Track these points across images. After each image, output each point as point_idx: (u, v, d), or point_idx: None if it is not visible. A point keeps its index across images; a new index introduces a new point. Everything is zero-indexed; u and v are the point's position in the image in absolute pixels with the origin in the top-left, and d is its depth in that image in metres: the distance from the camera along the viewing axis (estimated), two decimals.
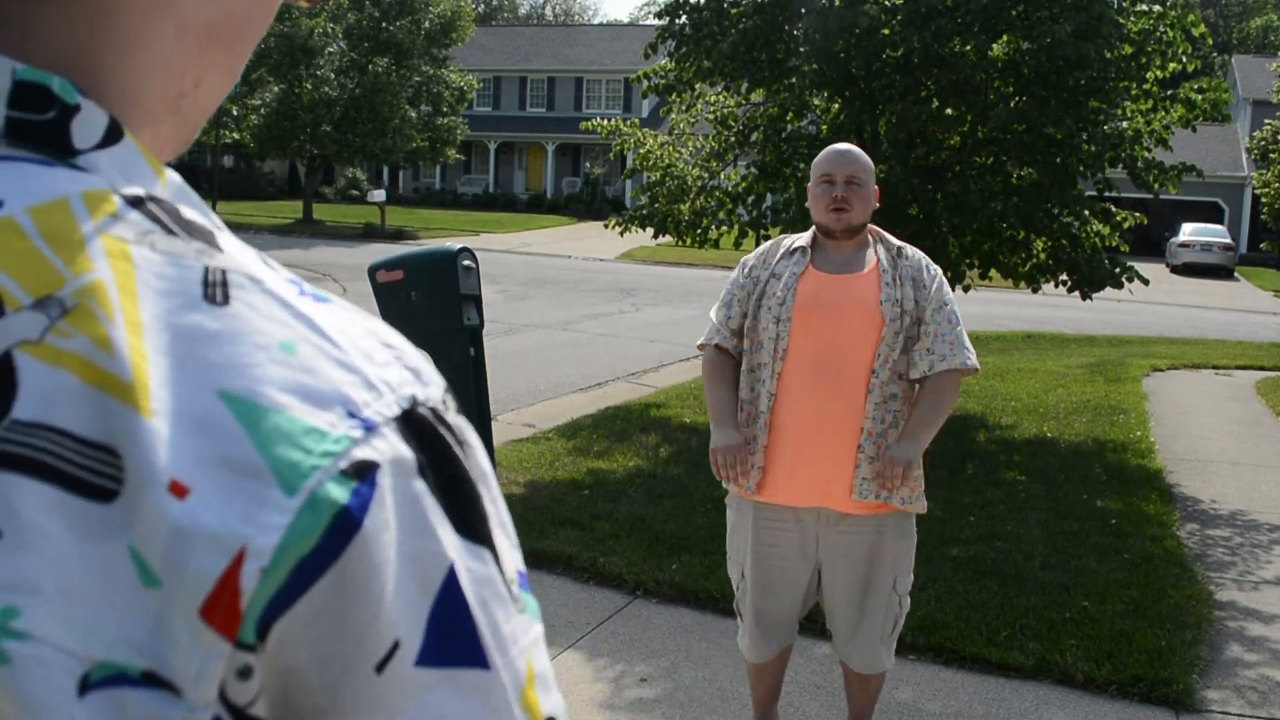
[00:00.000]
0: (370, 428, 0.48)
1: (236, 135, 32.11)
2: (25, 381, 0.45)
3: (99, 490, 0.44)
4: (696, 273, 23.86)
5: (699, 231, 9.62)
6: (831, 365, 3.30)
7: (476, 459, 0.52)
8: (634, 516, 6.11)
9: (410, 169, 45.81)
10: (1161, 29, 8.47)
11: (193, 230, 0.51)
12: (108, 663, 0.44)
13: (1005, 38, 8.34)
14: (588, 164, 45.44)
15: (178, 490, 0.44)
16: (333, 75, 32.31)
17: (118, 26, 0.53)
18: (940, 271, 3.45)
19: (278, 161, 43.41)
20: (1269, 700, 4.30)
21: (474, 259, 6.48)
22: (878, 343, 3.29)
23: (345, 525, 0.46)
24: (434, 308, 6.27)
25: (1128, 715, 4.15)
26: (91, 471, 0.44)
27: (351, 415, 0.48)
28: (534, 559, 5.35)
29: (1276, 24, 62.56)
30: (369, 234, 29.06)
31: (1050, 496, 6.94)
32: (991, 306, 18.59)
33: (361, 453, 0.47)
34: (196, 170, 43.96)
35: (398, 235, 28.57)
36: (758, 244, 8.34)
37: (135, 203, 0.50)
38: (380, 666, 0.47)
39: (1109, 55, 8.05)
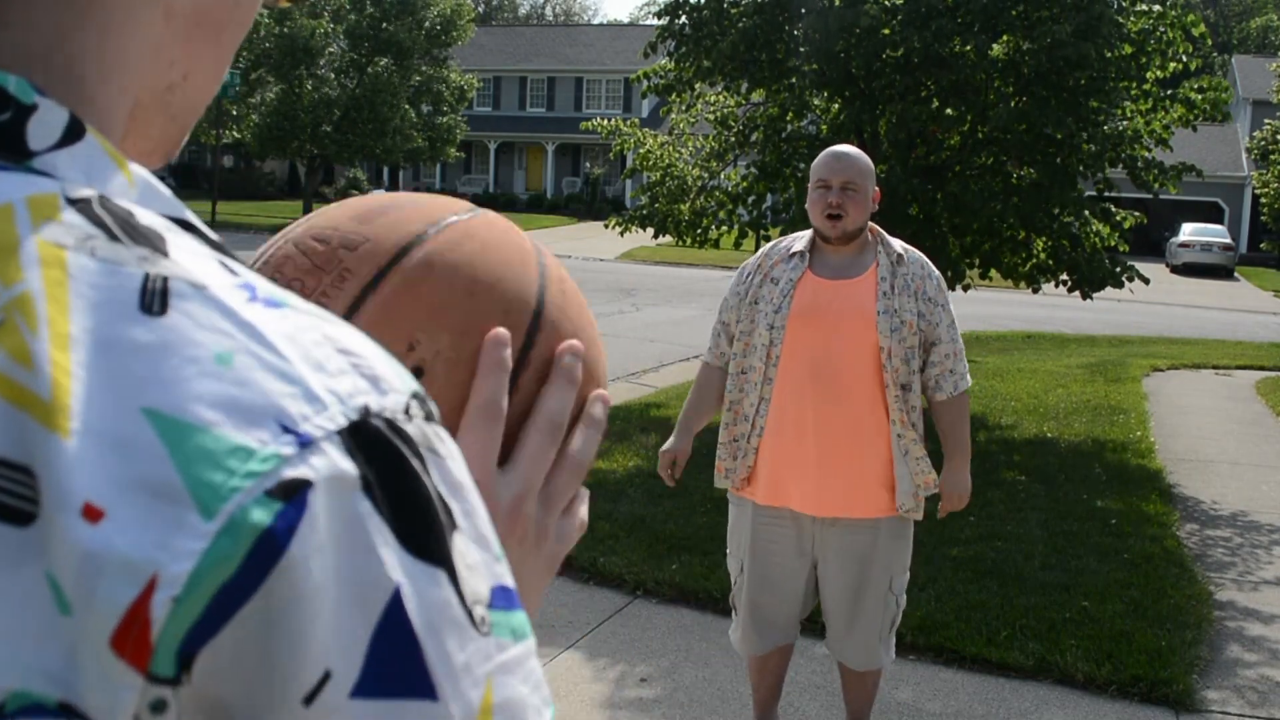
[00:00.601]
0: (306, 443, 0.45)
1: (236, 135, 32.09)
2: None
3: (16, 513, 0.42)
4: (696, 273, 23.86)
5: (699, 231, 9.62)
6: (829, 373, 3.30)
7: (446, 469, 0.49)
8: (634, 516, 6.11)
9: (410, 169, 45.83)
10: (1161, 29, 8.47)
11: (138, 235, 0.48)
12: (23, 693, 0.42)
13: (1006, 38, 8.34)
14: (588, 164, 45.45)
15: (91, 514, 0.42)
16: (333, 75, 32.33)
17: (104, 8, 0.52)
18: (941, 277, 3.45)
19: (278, 161, 43.44)
20: (1269, 700, 4.30)
21: None
22: (876, 351, 3.29)
23: (268, 550, 0.43)
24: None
25: (1128, 715, 4.15)
26: (8, 494, 0.42)
27: (286, 430, 0.45)
28: None
29: (1276, 24, 62.56)
30: None
31: (1050, 496, 6.94)
32: (991, 306, 18.60)
33: (292, 471, 0.44)
34: (196, 170, 44.03)
35: None
36: (758, 244, 8.35)
37: (81, 207, 0.48)
38: (309, 698, 0.44)
39: (1109, 55, 8.06)
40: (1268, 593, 5.50)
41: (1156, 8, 8.55)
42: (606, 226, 10.21)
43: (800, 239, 3.48)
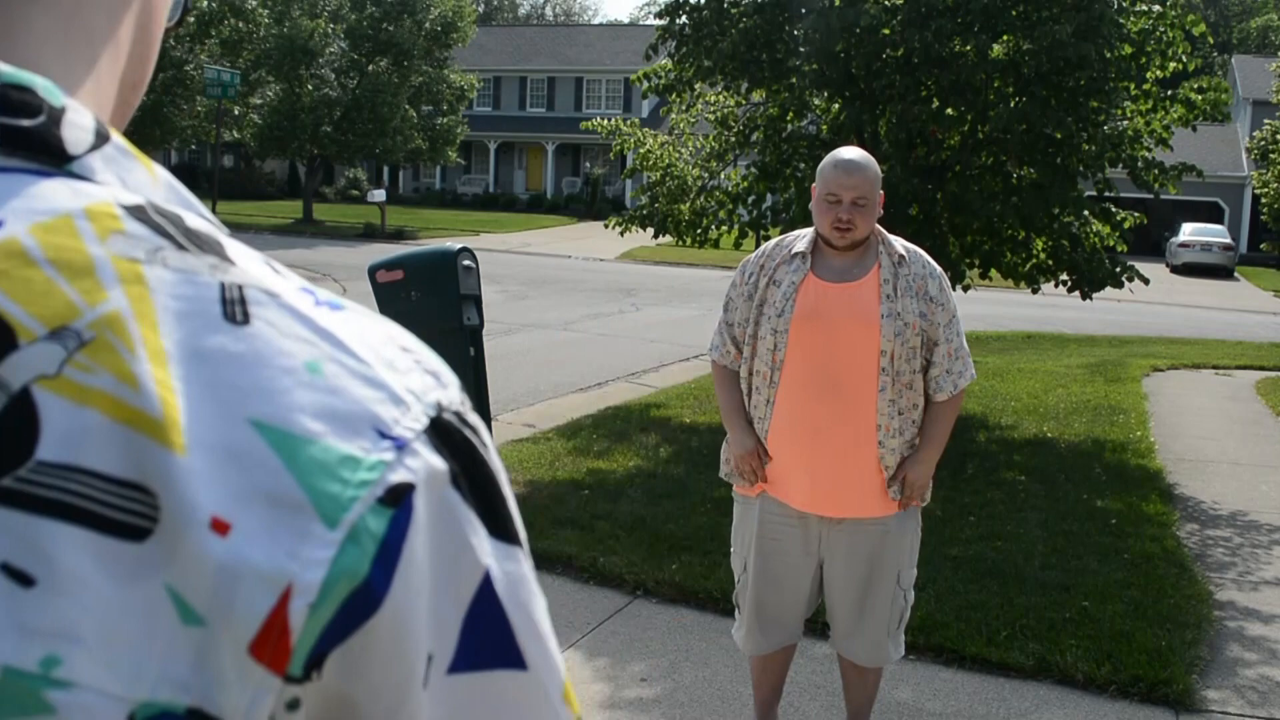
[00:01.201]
0: (401, 446, 0.47)
1: (236, 135, 32.10)
2: (48, 420, 0.43)
3: (132, 530, 0.43)
4: (696, 273, 23.86)
5: (699, 231, 9.63)
6: (832, 375, 3.30)
7: (495, 456, 0.52)
8: (634, 516, 6.11)
9: (410, 169, 45.82)
10: (1161, 29, 8.47)
11: (202, 242, 0.49)
12: (152, 703, 0.43)
13: (1006, 37, 8.34)
14: (588, 164, 45.44)
15: (219, 527, 0.44)
16: (333, 75, 32.32)
17: (93, 13, 0.53)
18: (943, 275, 3.44)
19: (278, 161, 43.42)
20: (1269, 700, 4.30)
21: (474, 259, 6.48)
22: (879, 354, 3.28)
23: (389, 556, 0.46)
24: (434, 308, 6.27)
25: (1128, 715, 4.15)
26: (124, 511, 0.43)
27: (383, 436, 0.47)
28: (534, 559, 5.33)
29: (1276, 24, 62.55)
30: (369, 234, 29.05)
31: (1050, 496, 6.94)
32: (991, 306, 18.59)
33: (396, 476, 0.47)
34: (196, 170, 44.00)
35: (398, 235, 28.56)
36: (758, 244, 8.34)
37: (138, 215, 0.48)
38: (425, 681, 0.48)
39: (1109, 55, 8.06)
40: (1268, 593, 5.50)
41: (1156, 8, 8.55)
42: (606, 226, 10.21)
43: (802, 238, 3.47)
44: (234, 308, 0.47)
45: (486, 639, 0.49)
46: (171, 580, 0.43)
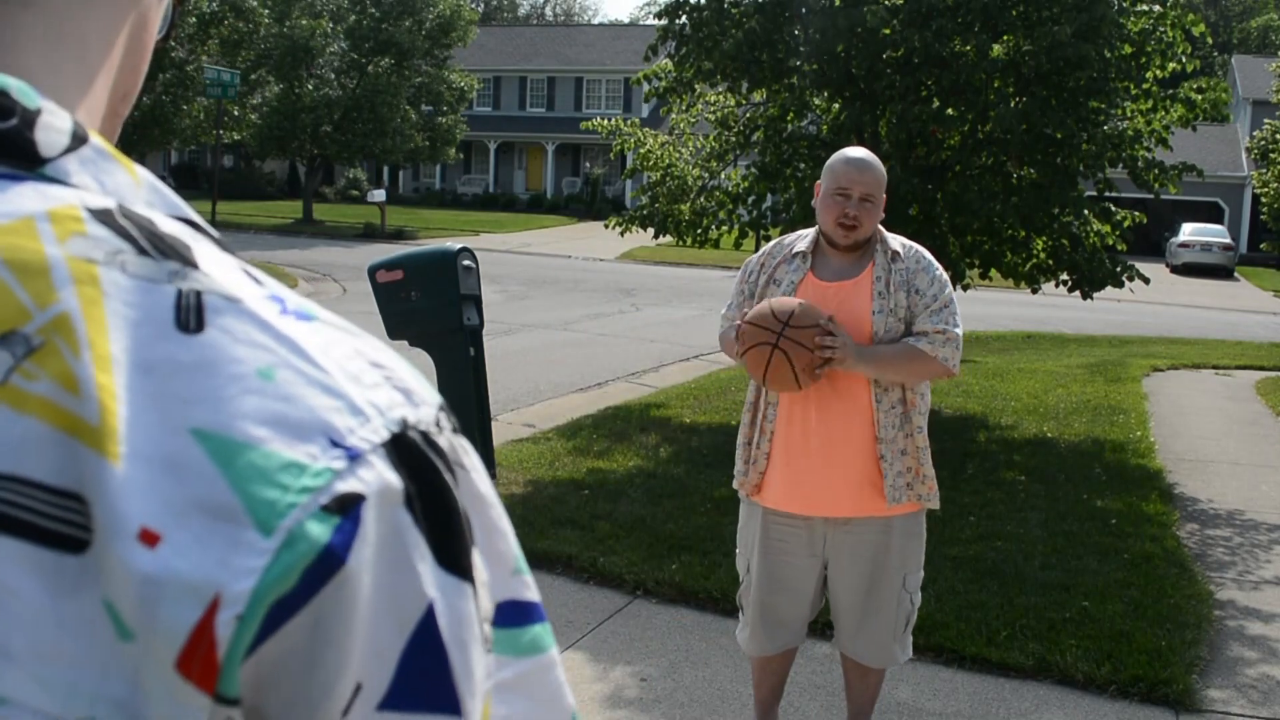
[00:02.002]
0: (355, 456, 0.45)
1: (236, 135, 32.09)
2: None
3: (70, 541, 0.42)
4: (696, 273, 23.86)
5: (699, 231, 9.63)
6: (830, 374, 3.30)
7: (471, 483, 0.49)
8: (634, 516, 6.11)
9: (410, 169, 45.81)
10: (1161, 29, 8.47)
11: (165, 248, 0.48)
12: None
13: (1007, 38, 8.34)
14: (588, 164, 45.44)
15: (148, 538, 0.42)
16: (333, 75, 32.31)
17: (85, 20, 0.52)
18: (941, 272, 3.42)
19: (278, 161, 43.40)
20: (1269, 700, 4.30)
21: (474, 259, 6.47)
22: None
23: (326, 565, 0.44)
24: (434, 308, 6.26)
25: (1128, 715, 4.15)
26: (62, 522, 0.42)
27: (335, 444, 0.45)
28: (534, 559, 5.35)
29: (1277, 24, 62.55)
30: (369, 234, 29.04)
31: (1050, 496, 6.94)
32: (991, 306, 18.59)
33: (345, 485, 0.45)
34: (196, 170, 44.02)
35: (398, 235, 28.56)
36: (758, 245, 8.34)
37: (104, 218, 0.47)
38: (346, 710, 0.45)
39: (1108, 55, 8.06)
40: (1267, 592, 5.50)
41: (1157, 8, 8.55)
42: (607, 227, 10.21)
43: (804, 238, 3.47)
44: (188, 315, 0.46)
45: (423, 678, 0.46)
46: (107, 595, 0.42)
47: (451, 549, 0.47)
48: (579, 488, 6.70)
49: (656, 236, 9.96)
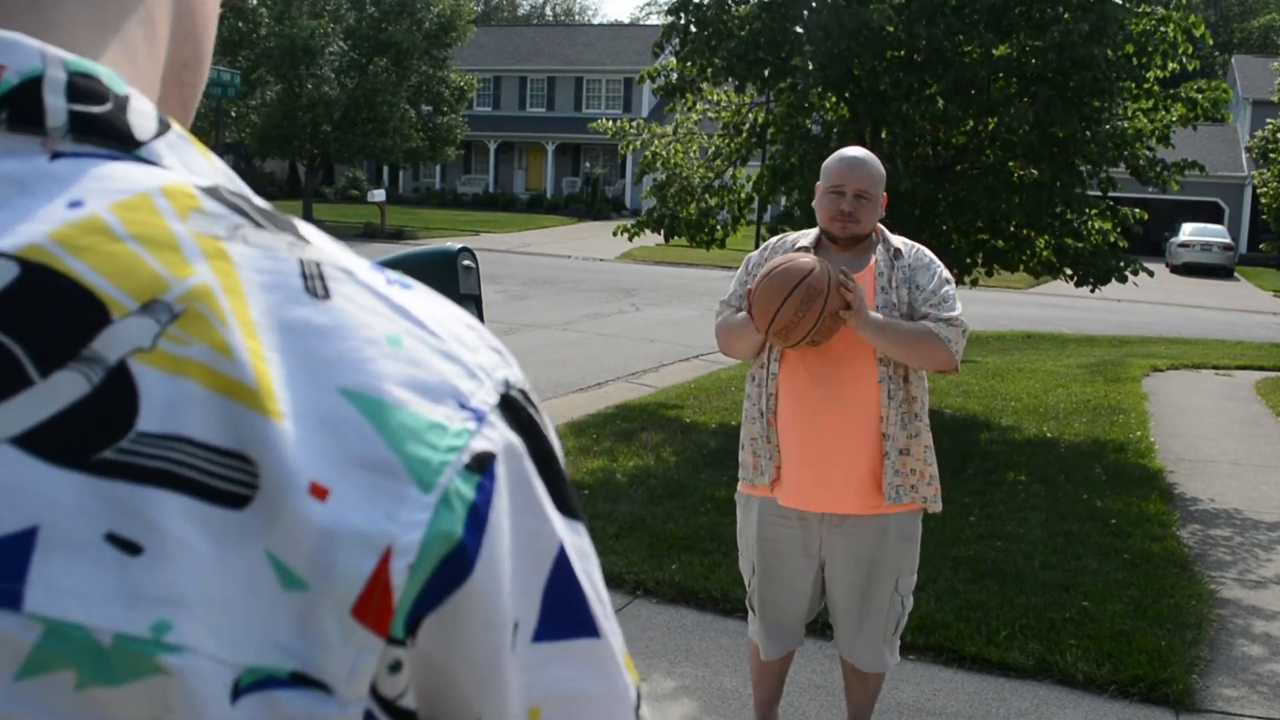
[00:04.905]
0: (480, 417, 0.49)
1: (237, 135, 32.10)
2: (146, 392, 0.44)
3: (233, 497, 0.44)
4: (696, 273, 23.86)
5: (706, 232, 9.66)
6: (829, 370, 3.30)
7: (554, 434, 0.54)
8: (634, 516, 6.11)
9: (410, 169, 45.81)
10: (1163, 30, 8.48)
11: (277, 221, 0.50)
12: (257, 667, 0.44)
13: (1014, 38, 8.33)
14: (588, 164, 45.44)
15: (318, 492, 0.44)
16: (333, 75, 32.31)
17: None
18: (944, 269, 3.42)
19: (278, 161, 43.40)
20: (1269, 700, 4.30)
21: (474, 259, 6.44)
22: (874, 348, 3.28)
23: (478, 520, 0.47)
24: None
25: (1128, 715, 4.15)
26: (225, 479, 0.44)
27: (463, 406, 0.48)
28: None
29: (1277, 24, 62.54)
30: (369, 234, 29.06)
31: (1050, 496, 6.94)
32: (991, 306, 18.59)
33: (479, 445, 0.48)
34: None
35: (398, 235, 28.58)
36: (758, 244, 8.34)
37: (214, 194, 0.49)
38: (513, 647, 0.49)
39: (1111, 55, 8.07)
40: (1268, 592, 5.50)
41: (1159, 9, 8.56)
42: (615, 234, 10.25)
43: (805, 236, 3.49)
44: (314, 283, 0.48)
45: (566, 609, 0.51)
46: (271, 546, 0.44)
47: (563, 493, 0.52)
48: (579, 488, 6.70)
49: (667, 240, 9.98)
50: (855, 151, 3.44)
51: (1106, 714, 4.15)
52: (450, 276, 7.68)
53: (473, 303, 7.69)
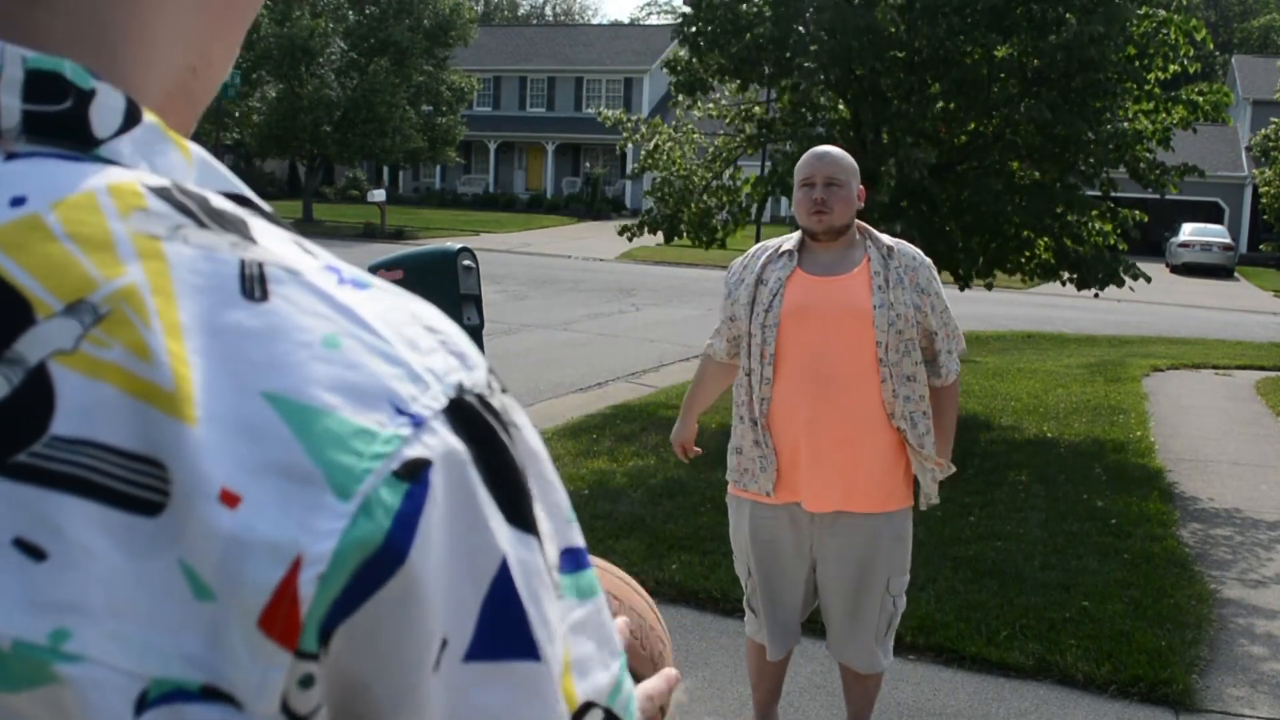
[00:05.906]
0: (419, 423, 0.47)
1: (237, 135, 32.11)
2: (63, 395, 0.43)
3: (145, 504, 0.43)
4: (696, 273, 23.86)
5: (707, 231, 9.67)
6: (827, 369, 3.30)
7: (525, 439, 0.51)
8: (634, 516, 6.11)
9: (410, 169, 45.80)
10: (1164, 32, 8.49)
11: (224, 221, 0.49)
12: (164, 679, 0.43)
13: (1016, 39, 8.33)
14: (588, 164, 45.44)
15: (229, 499, 0.43)
16: (333, 75, 32.32)
17: None
18: (931, 264, 3.45)
19: (278, 161, 43.41)
20: (1270, 700, 4.30)
21: (474, 259, 6.47)
22: (874, 346, 3.28)
23: (402, 530, 0.45)
24: (434, 308, 6.27)
25: (1128, 715, 4.15)
26: (136, 485, 0.43)
27: (399, 412, 0.47)
28: None
29: (1277, 24, 62.54)
30: (369, 234, 29.06)
31: (1050, 496, 6.94)
32: (991, 306, 18.58)
33: (412, 451, 0.46)
34: None
35: (398, 235, 28.57)
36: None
37: (163, 194, 0.48)
38: (435, 665, 0.47)
39: (1114, 57, 8.09)
40: (1268, 592, 5.50)
41: (1161, 12, 8.57)
42: (620, 234, 10.27)
43: (790, 239, 3.50)
44: (252, 284, 0.47)
45: (504, 628, 0.48)
46: (184, 555, 0.43)
47: (516, 505, 0.50)
48: (579, 488, 6.69)
49: (668, 240, 9.98)
50: (822, 147, 3.51)
51: (1106, 714, 4.15)
52: (450, 276, 7.68)
53: (473, 302, 7.69)
